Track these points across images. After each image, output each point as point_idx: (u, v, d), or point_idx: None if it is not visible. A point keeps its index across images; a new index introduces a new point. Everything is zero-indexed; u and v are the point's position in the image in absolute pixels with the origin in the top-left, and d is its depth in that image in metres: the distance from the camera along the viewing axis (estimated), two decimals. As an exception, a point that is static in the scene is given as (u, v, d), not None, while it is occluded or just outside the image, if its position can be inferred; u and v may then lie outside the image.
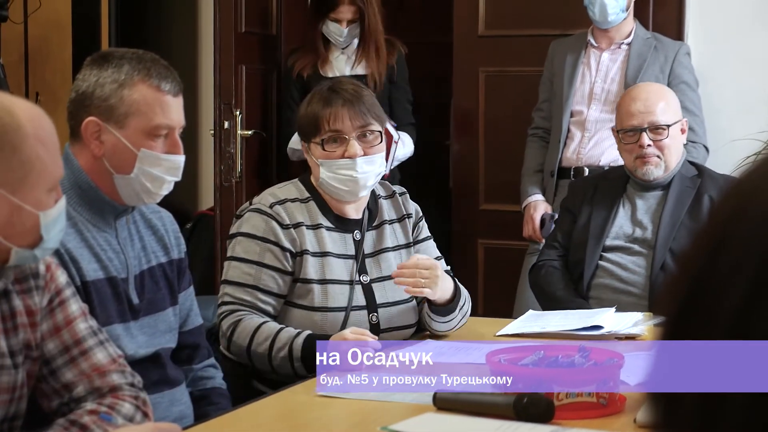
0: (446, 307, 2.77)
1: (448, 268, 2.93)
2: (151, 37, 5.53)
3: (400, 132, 4.49)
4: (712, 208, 0.62)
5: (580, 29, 4.30)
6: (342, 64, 4.62)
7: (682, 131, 3.45)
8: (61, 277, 1.96)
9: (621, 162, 4.08)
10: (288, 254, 2.70)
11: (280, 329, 2.61)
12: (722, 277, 0.59)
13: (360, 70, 4.59)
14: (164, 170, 2.29)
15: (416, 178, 4.85)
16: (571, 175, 4.15)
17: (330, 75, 4.51)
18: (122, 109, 2.24)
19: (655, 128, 3.39)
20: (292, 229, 2.71)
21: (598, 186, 3.54)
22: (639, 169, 3.40)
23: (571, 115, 4.19)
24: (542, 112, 4.33)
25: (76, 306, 1.96)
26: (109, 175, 2.28)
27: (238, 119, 4.67)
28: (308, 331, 2.61)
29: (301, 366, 2.56)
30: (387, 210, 2.88)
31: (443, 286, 2.72)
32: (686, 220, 3.37)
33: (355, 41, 4.60)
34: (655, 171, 3.40)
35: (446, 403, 2.14)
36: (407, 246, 2.88)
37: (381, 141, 2.76)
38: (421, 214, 2.94)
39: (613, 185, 3.51)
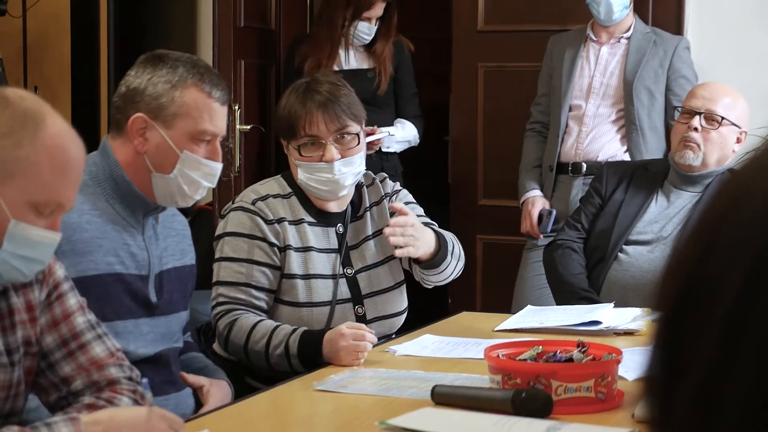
0: (435, 259, 2.77)
1: (428, 220, 2.91)
2: (150, 31, 5.52)
3: (398, 120, 4.59)
4: (707, 204, 0.62)
5: (579, 24, 4.29)
6: (350, 57, 4.63)
7: (738, 141, 3.43)
8: (59, 271, 1.95)
9: (619, 157, 4.10)
10: (275, 249, 2.71)
11: (276, 327, 2.61)
12: (717, 272, 0.58)
13: (364, 63, 4.61)
14: (202, 175, 2.33)
15: (415, 173, 4.85)
16: (569, 170, 4.14)
17: (336, 69, 4.53)
18: (172, 109, 2.28)
19: (710, 117, 3.39)
20: (275, 225, 2.72)
21: (635, 174, 3.50)
22: (679, 152, 3.40)
23: (570, 110, 4.18)
24: (540, 106, 4.32)
25: (74, 300, 1.95)
26: (147, 173, 2.31)
27: (237, 114, 4.66)
28: (304, 328, 2.61)
29: (298, 362, 2.56)
30: (368, 197, 2.89)
31: (424, 240, 2.72)
32: None
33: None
34: (692, 158, 3.38)
35: (444, 397, 2.14)
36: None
37: (359, 143, 2.75)
38: (398, 187, 2.94)
39: (652, 177, 3.48)
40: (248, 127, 4.73)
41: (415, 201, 2.95)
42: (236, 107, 4.67)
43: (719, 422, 0.57)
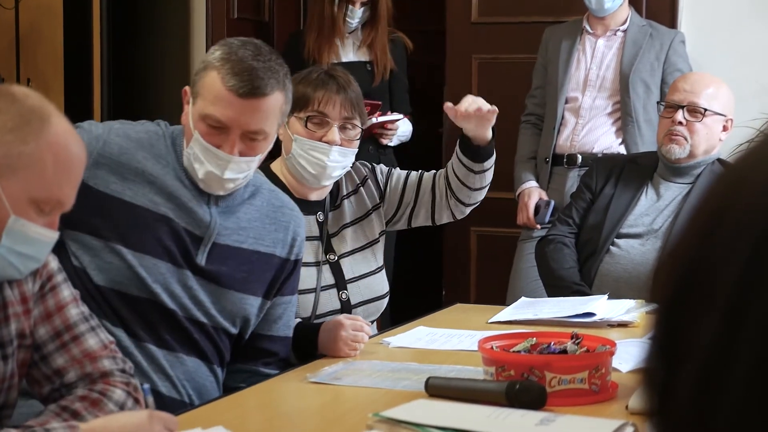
0: (490, 144, 2.85)
1: (420, 172, 2.99)
2: (144, 23, 5.51)
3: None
4: (704, 195, 0.62)
5: (574, 16, 4.29)
6: (348, 49, 4.61)
7: (724, 128, 3.43)
8: (53, 262, 1.95)
9: (615, 149, 4.10)
10: None
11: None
12: (716, 259, 0.58)
13: (363, 56, 4.59)
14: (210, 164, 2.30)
15: (409, 166, 4.85)
16: (564, 162, 4.14)
17: (334, 60, 4.52)
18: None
19: (693, 109, 3.39)
20: None
21: (624, 168, 3.51)
22: (664, 146, 3.41)
23: (566, 102, 4.19)
24: (535, 98, 4.32)
25: (67, 291, 1.95)
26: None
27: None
28: (297, 319, 2.61)
29: (292, 354, 2.56)
30: (344, 185, 2.89)
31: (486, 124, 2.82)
32: None
33: (359, 28, 4.59)
34: (678, 151, 3.39)
35: (438, 389, 2.14)
36: (367, 215, 2.88)
37: (358, 138, 2.77)
38: (370, 166, 2.95)
39: (641, 170, 3.48)
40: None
41: (394, 167, 2.99)
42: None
43: (719, 411, 0.57)
